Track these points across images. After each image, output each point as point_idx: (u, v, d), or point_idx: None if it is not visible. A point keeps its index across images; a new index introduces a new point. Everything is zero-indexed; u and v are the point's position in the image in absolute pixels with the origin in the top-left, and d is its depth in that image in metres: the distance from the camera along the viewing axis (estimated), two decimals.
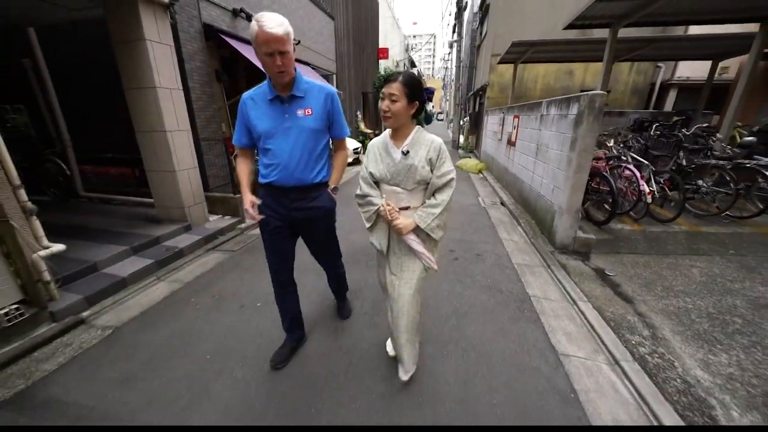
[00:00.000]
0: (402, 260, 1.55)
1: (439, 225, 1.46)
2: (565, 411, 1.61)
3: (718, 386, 1.77)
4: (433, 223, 1.43)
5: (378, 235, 1.58)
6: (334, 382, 1.78)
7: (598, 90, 5.04)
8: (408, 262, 1.54)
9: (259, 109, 1.56)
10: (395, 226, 1.45)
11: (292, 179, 1.59)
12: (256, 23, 1.35)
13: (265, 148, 1.59)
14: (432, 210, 1.43)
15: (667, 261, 3.25)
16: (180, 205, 3.74)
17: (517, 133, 5.58)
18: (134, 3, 3.07)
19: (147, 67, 3.24)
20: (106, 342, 2.15)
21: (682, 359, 1.97)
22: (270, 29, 1.33)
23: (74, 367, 1.93)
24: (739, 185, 3.83)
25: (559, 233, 3.49)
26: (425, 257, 1.50)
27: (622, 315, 2.41)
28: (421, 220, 1.43)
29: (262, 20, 1.34)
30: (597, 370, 1.88)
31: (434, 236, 1.46)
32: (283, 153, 1.56)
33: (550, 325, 2.27)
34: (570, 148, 3.26)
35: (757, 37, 4.60)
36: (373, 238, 1.61)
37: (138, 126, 3.50)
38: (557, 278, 2.91)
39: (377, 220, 1.56)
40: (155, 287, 2.82)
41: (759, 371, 1.86)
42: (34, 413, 1.62)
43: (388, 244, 1.57)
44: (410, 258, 1.54)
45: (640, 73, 9.81)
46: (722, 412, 1.61)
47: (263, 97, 1.56)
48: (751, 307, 2.46)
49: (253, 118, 1.57)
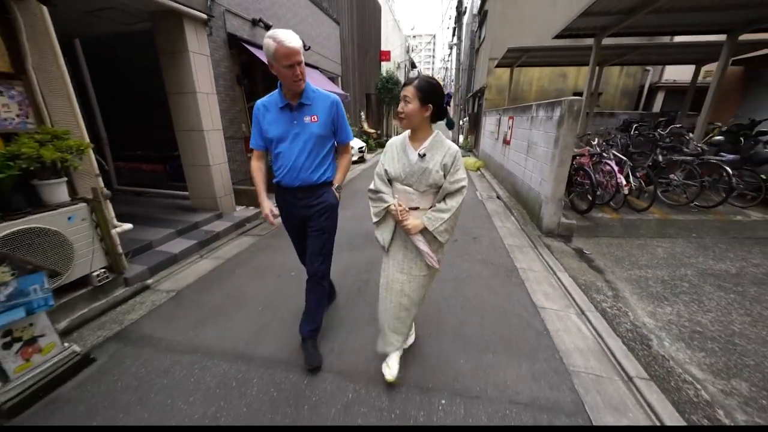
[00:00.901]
0: (410, 260, 1.61)
1: (446, 229, 1.50)
2: (538, 341, 2.13)
3: (658, 327, 2.29)
4: (441, 226, 1.48)
5: (383, 230, 1.63)
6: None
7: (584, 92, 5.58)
8: (415, 262, 1.61)
9: (271, 116, 1.69)
10: (405, 225, 1.50)
11: (297, 180, 1.73)
12: (273, 41, 1.46)
13: (276, 151, 1.73)
14: (441, 214, 1.48)
15: (638, 243, 3.78)
16: (213, 195, 4.24)
17: (511, 132, 6.10)
18: (179, 19, 3.58)
19: (188, 74, 3.75)
20: (172, 301, 2.66)
21: (635, 311, 2.50)
22: (290, 44, 1.46)
23: (154, 317, 2.44)
24: (704, 178, 4.36)
25: (545, 219, 4.01)
26: (428, 256, 1.56)
27: (592, 281, 2.93)
28: (430, 223, 1.48)
29: (279, 37, 1.46)
30: (566, 317, 2.40)
31: (440, 239, 1.51)
32: (291, 156, 1.69)
33: (532, 288, 2.79)
34: (554, 146, 3.78)
35: (725, 46, 5.13)
36: (378, 233, 1.67)
37: (178, 126, 4.01)
38: (542, 255, 3.43)
39: (385, 216, 1.60)
40: (201, 262, 3.33)
41: (692, 318, 2.39)
42: (134, 344, 2.12)
43: (391, 241, 1.63)
44: (418, 258, 1.60)
45: (630, 76, 10.35)
46: (656, 342, 2.14)
47: (275, 105, 1.69)
48: (698, 275, 2.98)
49: (266, 124, 1.70)
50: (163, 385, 1.78)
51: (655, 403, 1.65)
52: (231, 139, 5.31)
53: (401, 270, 1.63)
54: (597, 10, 4.40)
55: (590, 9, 4.34)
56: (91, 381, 1.83)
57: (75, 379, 1.83)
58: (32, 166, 2.06)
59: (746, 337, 2.17)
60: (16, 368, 1.63)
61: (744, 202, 4.62)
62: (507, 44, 8.46)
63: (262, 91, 2.74)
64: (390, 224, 1.60)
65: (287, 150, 1.68)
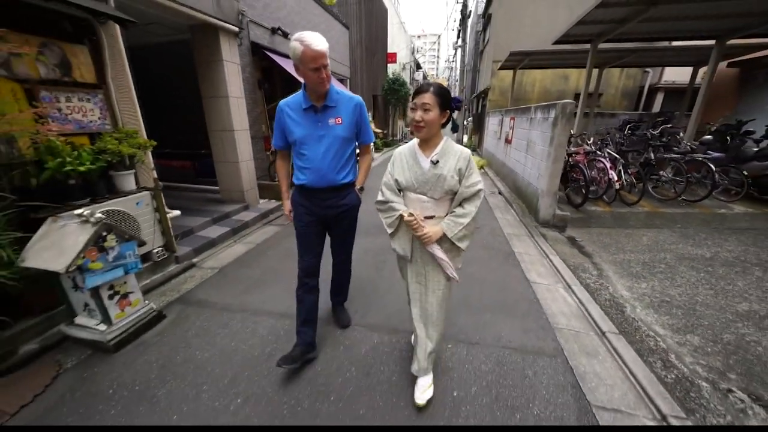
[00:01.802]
0: (426, 270, 1.57)
1: (466, 235, 1.46)
2: (529, 306, 2.54)
3: (633, 298, 2.69)
4: (460, 232, 1.43)
5: (401, 241, 1.58)
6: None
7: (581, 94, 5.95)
8: (432, 272, 1.56)
9: (295, 117, 1.68)
10: (422, 236, 1.43)
11: (323, 181, 1.73)
12: (300, 43, 1.45)
13: (300, 152, 1.72)
14: (460, 220, 1.43)
15: (626, 232, 4.17)
16: (240, 189, 4.71)
17: (512, 132, 6.50)
18: (216, 32, 4.04)
19: (222, 81, 4.21)
20: (218, 275, 3.11)
21: (615, 286, 2.90)
22: (317, 47, 1.46)
23: (205, 286, 2.90)
24: (689, 174, 4.73)
25: (541, 211, 4.41)
26: (447, 265, 1.50)
27: (581, 263, 3.33)
28: (449, 229, 1.43)
29: (306, 40, 1.45)
30: (555, 290, 2.81)
31: (461, 245, 1.46)
32: (316, 158, 1.69)
33: (527, 268, 3.20)
34: (549, 144, 4.18)
35: (714, 50, 5.48)
36: (395, 244, 1.61)
37: (211, 126, 4.48)
38: (537, 242, 3.84)
39: (399, 226, 1.54)
40: (235, 246, 3.79)
41: (663, 291, 2.78)
42: (195, 306, 2.58)
43: (412, 250, 1.57)
44: (434, 267, 1.55)
45: (630, 78, 10.67)
46: (629, 309, 2.54)
47: (298, 107, 1.68)
48: (675, 259, 3.37)
49: (289, 125, 1.69)
50: (225, 333, 2.23)
51: (622, 350, 2.06)
52: (253, 139, 5.78)
53: (418, 281, 1.62)
54: (591, 20, 4.79)
55: (584, 18, 4.72)
56: (167, 330, 2.28)
57: (154, 329, 2.29)
58: (114, 159, 2.53)
59: (707, 305, 2.57)
60: (116, 315, 2.09)
61: (729, 196, 4.97)
62: (510, 47, 8.85)
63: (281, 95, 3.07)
64: (407, 233, 1.54)
65: (312, 152, 1.69)
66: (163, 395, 1.74)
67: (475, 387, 1.78)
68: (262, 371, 1.90)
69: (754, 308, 2.50)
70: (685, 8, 4.41)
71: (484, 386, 1.79)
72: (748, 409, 1.65)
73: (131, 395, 1.75)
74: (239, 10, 4.37)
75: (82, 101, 2.54)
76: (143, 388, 1.79)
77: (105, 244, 1.96)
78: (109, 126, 2.75)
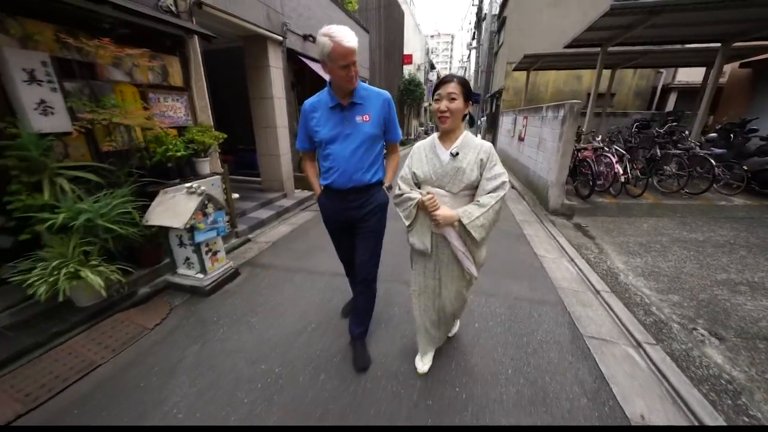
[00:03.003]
0: (442, 266, 1.55)
1: (482, 225, 1.37)
2: (537, 273, 3.03)
3: (627, 269, 3.15)
4: (477, 221, 1.35)
5: (420, 233, 1.52)
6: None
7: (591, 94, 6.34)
8: (448, 267, 1.55)
9: (320, 116, 1.62)
10: (435, 216, 1.38)
11: (350, 181, 1.66)
12: (330, 39, 1.37)
13: (326, 152, 1.66)
14: (479, 208, 1.36)
15: (628, 220, 4.58)
16: (280, 179, 5.33)
17: (525, 130, 6.93)
18: (264, 42, 4.66)
19: (268, 84, 4.83)
20: (271, 248, 3.71)
21: (612, 260, 3.35)
22: (348, 43, 1.39)
23: (265, 254, 3.50)
24: (691, 169, 5.09)
25: (551, 201, 4.87)
26: (464, 257, 1.47)
27: (584, 243, 3.79)
28: (465, 215, 1.36)
29: (337, 36, 1.37)
30: (559, 262, 3.29)
31: (475, 235, 1.37)
32: (343, 157, 1.62)
33: (535, 246, 3.68)
34: (559, 140, 4.63)
35: (719, 53, 5.79)
36: (414, 237, 1.55)
37: (257, 123, 5.11)
38: (546, 227, 4.30)
39: (417, 216, 1.50)
40: (281, 226, 4.39)
41: (655, 264, 3.22)
42: (260, 267, 3.17)
43: (432, 244, 1.52)
44: (451, 262, 1.53)
45: (643, 78, 10.89)
46: (623, 276, 3.00)
47: (324, 105, 1.62)
48: (670, 241, 3.79)
49: (315, 126, 1.63)
50: (290, 285, 2.82)
51: (611, 302, 2.53)
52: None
53: (433, 277, 1.60)
54: (600, 26, 5.19)
55: (593, 25, 5.14)
56: (244, 283, 2.88)
57: (233, 282, 2.89)
58: (198, 148, 3.15)
59: (691, 275, 3.00)
60: (209, 267, 2.70)
61: (730, 190, 5.30)
62: (524, 49, 9.25)
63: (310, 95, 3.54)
64: (426, 224, 1.49)
65: (339, 151, 1.62)
66: (256, 322, 2.33)
67: (492, 322, 2.30)
68: (325, 309, 2.47)
69: (731, 278, 2.92)
70: (687, 16, 4.78)
71: (498, 322, 2.31)
72: (705, 341, 2.12)
73: (231, 322, 2.34)
74: (283, 22, 4.99)
75: (174, 101, 3.17)
76: (239, 317, 2.38)
77: (206, 210, 2.57)
78: (191, 122, 3.38)
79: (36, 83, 2.06)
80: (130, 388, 1.77)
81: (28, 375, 1.83)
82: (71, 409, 1.64)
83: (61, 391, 1.74)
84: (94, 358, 1.97)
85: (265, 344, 2.10)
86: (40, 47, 2.13)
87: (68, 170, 2.22)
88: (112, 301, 2.44)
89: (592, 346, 2.07)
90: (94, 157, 2.51)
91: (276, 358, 1.98)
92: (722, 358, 1.98)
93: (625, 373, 1.86)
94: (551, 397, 1.69)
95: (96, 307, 2.36)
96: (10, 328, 2.10)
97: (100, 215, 2.21)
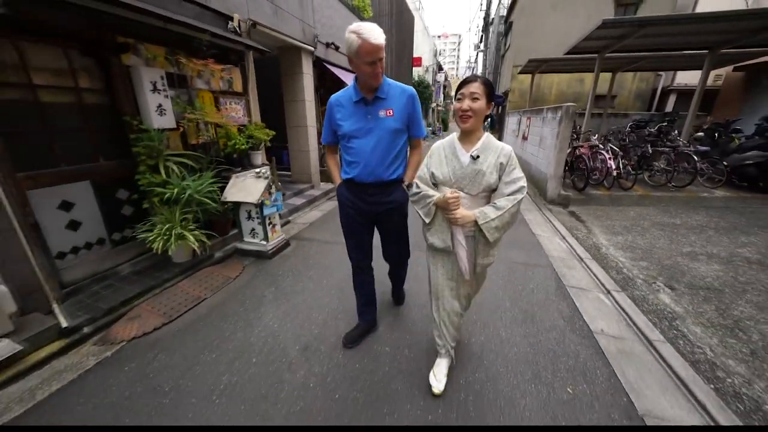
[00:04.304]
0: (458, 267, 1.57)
1: (497, 226, 1.39)
2: (532, 246, 3.68)
3: (609, 244, 3.78)
4: (493, 222, 1.37)
5: (440, 231, 1.53)
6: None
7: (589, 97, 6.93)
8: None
9: (345, 111, 1.67)
10: (453, 214, 1.41)
11: (371, 176, 1.69)
12: (358, 36, 1.40)
13: (349, 146, 1.69)
14: (495, 210, 1.38)
15: (617, 209, 5.19)
16: (308, 172, 6.04)
17: (528, 130, 7.55)
18: (299, 52, 5.36)
19: (301, 88, 5.53)
20: (309, 227, 4.41)
21: (597, 238, 3.98)
22: (375, 40, 1.42)
23: (305, 231, 4.20)
24: (677, 164, 5.67)
25: (549, 192, 5.50)
26: (462, 261, 1.50)
27: (575, 226, 4.42)
28: (482, 215, 1.38)
29: (364, 34, 1.40)
30: (552, 239, 3.93)
31: (489, 236, 1.39)
32: (365, 151, 1.66)
33: (533, 227, 4.32)
34: (556, 138, 5.26)
35: (706, 58, 6.36)
36: (434, 237, 1.56)
37: (290, 123, 5.82)
38: (543, 213, 4.94)
39: (436, 215, 1.52)
40: (313, 212, 5.09)
41: (633, 241, 3.85)
42: (304, 240, 3.86)
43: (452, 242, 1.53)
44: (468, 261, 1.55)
45: (643, 81, 11.40)
46: (605, 249, 3.63)
47: (349, 100, 1.65)
48: (650, 224, 4.40)
49: (339, 120, 1.68)
50: (333, 252, 3.51)
51: (591, 266, 3.17)
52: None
53: (450, 277, 1.62)
54: (595, 37, 5.80)
55: (589, 36, 5.75)
56: (295, 251, 3.58)
57: (286, 249, 3.60)
58: (255, 143, 3.86)
59: (661, 249, 3.62)
60: (270, 236, 3.40)
61: (713, 183, 5.87)
62: (530, 53, 9.86)
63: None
64: (445, 223, 1.51)
65: (361, 145, 1.66)
66: (313, 275, 3.02)
67: (494, 276, 2.96)
68: None
69: (695, 250, 3.54)
70: (673, 28, 5.38)
71: (498, 277, 2.96)
72: (660, 290, 2.75)
73: (294, 275, 3.03)
74: (315, 34, 5.69)
75: (236, 104, 3.89)
76: (299, 272, 3.08)
77: (271, 191, 3.27)
78: (247, 121, 4.09)
79: (157, 92, 2.77)
80: (233, 310, 2.47)
81: (160, 302, 2.55)
82: (197, 322, 2.34)
83: (186, 311, 2.45)
84: (200, 294, 2.68)
85: (324, 289, 2.79)
86: (157, 65, 2.85)
87: (174, 156, 2.94)
88: (198, 260, 3.16)
89: (571, 292, 2.72)
90: (186, 148, 3.22)
91: (334, 296, 2.66)
92: (670, 300, 2.62)
93: (594, 308, 2.50)
94: (537, 319, 2.36)
95: (188, 264, 3.08)
96: (133, 274, 2.82)
97: (196, 191, 2.92)
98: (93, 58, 2.53)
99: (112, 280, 2.72)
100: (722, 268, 3.12)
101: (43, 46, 2.27)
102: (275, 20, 4.49)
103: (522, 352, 2.03)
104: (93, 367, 1.94)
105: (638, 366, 1.91)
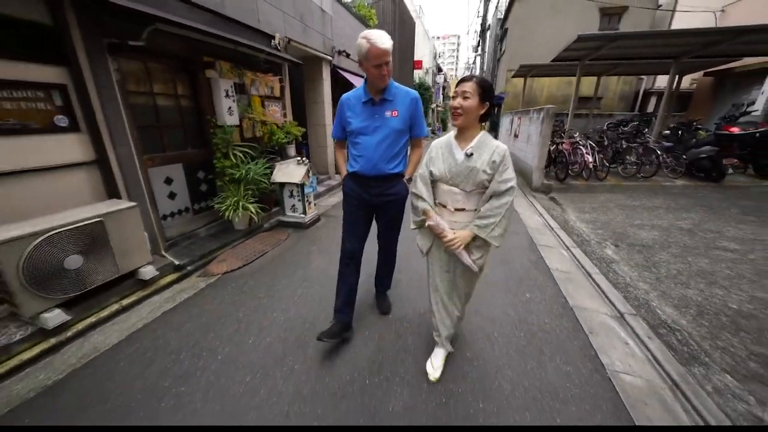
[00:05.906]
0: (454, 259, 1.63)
1: (501, 234, 1.44)
2: (516, 222, 4.59)
3: (577, 219, 4.69)
4: (494, 231, 1.43)
5: (422, 235, 1.71)
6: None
7: (572, 99, 7.84)
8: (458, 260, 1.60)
9: (354, 109, 1.82)
10: (449, 243, 1.47)
11: (373, 170, 1.84)
12: (367, 41, 1.58)
13: (355, 141, 1.86)
14: (491, 219, 1.42)
15: (591, 195, 6.11)
16: (326, 164, 6.94)
17: (519, 129, 8.47)
18: (320, 61, 6.26)
19: (320, 92, 6.43)
20: (334, 207, 5.31)
21: (569, 215, 4.90)
22: (382, 45, 1.58)
23: (331, 210, 5.09)
24: (644, 158, 6.61)
25: (533, 181, 6.42)
26: (465, 258, 1.54)
27: (553, 207, 5.34)
28: (480, 230, 1.42)
29: (373, 38, 1.58)
30: (532, 216, 4.85)
31: (495, 244, 1.45)
32: (369, 147, 1.81)
33: (517, 208, 5.23)
34: (539, 135, 6.18)
35: (672, 66, 7.31)
36: (419, 240, 1.73)
37: (310, 122, 6.72)
38: (528, 198, 5.86)
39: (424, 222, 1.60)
40: (332, 198, 6.00)
41: (598, 218, 4.76)
42: (330, 216, 4.76)
43: (430, 247, 1.68)
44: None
45: (626, 83, 12.36)
46: (572, 222, 4.55)
47: (358, 99, 1.81)
48: (615, 206, 5.32)
49: (349, 117, 1.84)
50: None
51: (559, 233, 4.09)
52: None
53: (447, 269, 1.69)
54: (573, 48, 6.73)
55: (568, 47, 6.67)
56: (326, 223, 4.48)
57: (319, 222, 4.50)
58: (291, 138, 4.75)
59: (617, 222, 4.53)
60: (308, 210, 4.30)
61: (675, 174, 6.82)
62: (525, 57, 10.79)
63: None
64: (429, 234, 1.63)
65: (367, 141, 1.80)
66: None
67: None
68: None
69: (643, 223, 4.46)
70: (640, 41, 6.30)
71: None
72: (607, 248, 3.67)
73: (329, 240, 3.92)
74: (332, 45, 6.60)
75: (275, 106, 4.78)
76: (332, 239, 3.96)
77: (309, 174, 4.17)
78: (284, 120, 4.99)
79: (228, 97, 3.66)
80: (289, 259, 3.37)
81: (237, 252, 3.45)
82: (268, 264, 3.24)
83: (257, 258, 3.35)
84: (263, 249, 3.58)
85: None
86: (227, 76, 3.75)
87: (239, 147, 3.84)
88: (253, 227, 4.05)
89: (540, 249, 3.64)
90: (242, 141, 4.11)
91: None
92: (612, 252, 3.54)
93: (555, 257, 3.42)
94: (510, 262, 3.27)
95: (246, 230, 3.97)
96: (208, 236, 3.72)
97: (256, 173, 3.81)
98: (187, 72, 3.43)
99: (194, 239, 3.61)
100: (659, 233, 4.05)
101: (158, 65, 3.17)
102: (304, 36, 5.39)
103: (498, 277, 2.94)
104: (204, 288, 2.83)
105: (576, 284, 2.83)
